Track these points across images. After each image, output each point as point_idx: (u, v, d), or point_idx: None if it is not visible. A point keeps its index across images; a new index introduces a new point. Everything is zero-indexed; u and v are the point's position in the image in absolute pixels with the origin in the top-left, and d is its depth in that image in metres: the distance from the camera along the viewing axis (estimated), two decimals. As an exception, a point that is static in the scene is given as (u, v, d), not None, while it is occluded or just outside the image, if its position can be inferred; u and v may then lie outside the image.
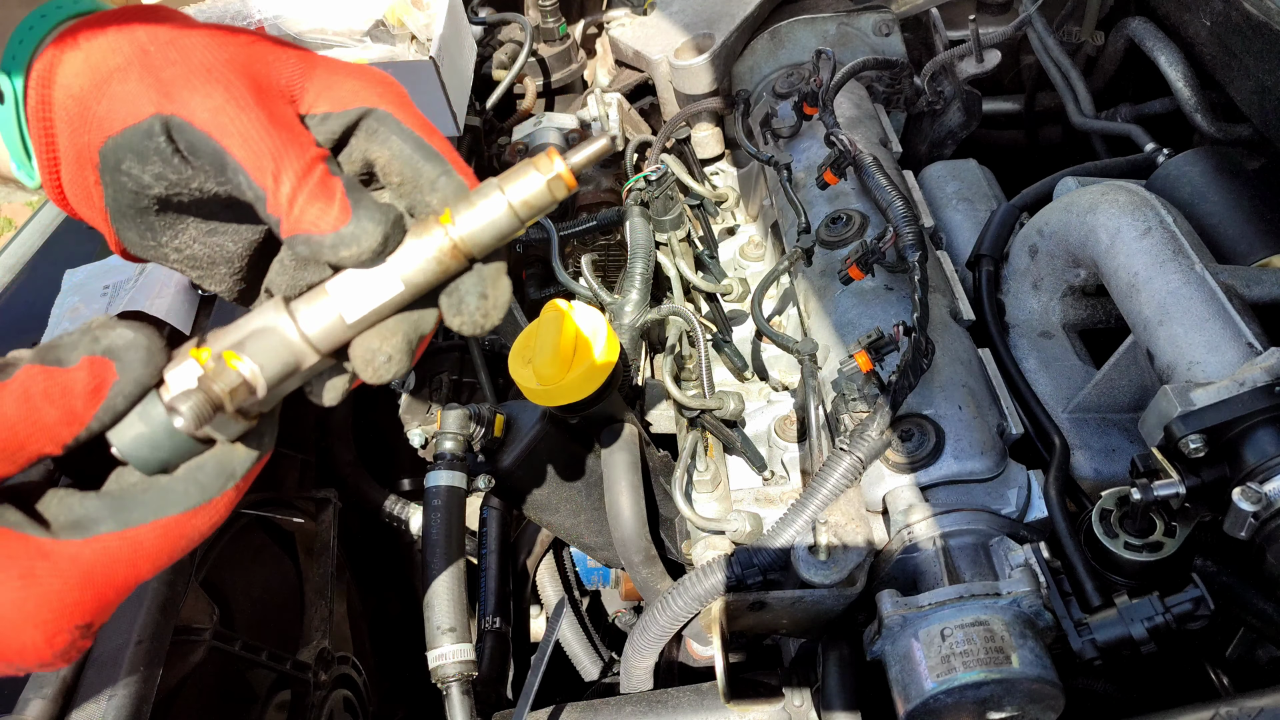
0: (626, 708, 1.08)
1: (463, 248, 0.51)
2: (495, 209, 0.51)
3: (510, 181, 0.51)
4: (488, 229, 0.51)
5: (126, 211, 0.55)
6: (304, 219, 0.50)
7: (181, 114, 0.51)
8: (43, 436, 0.48)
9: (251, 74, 0.53)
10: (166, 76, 0.51)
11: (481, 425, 1.19)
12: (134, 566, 0.49)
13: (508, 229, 0.51)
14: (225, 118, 0.50)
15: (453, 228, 0.51)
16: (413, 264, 0.51)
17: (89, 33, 0.54)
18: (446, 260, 0.51)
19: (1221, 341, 0.95)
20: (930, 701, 0.85)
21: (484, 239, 0.51)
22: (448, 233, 0.51)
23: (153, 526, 0.49)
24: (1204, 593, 0.89)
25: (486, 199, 0.51)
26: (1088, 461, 1.08)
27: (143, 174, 0.53)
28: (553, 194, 0.51)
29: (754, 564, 0.99)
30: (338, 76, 0.56)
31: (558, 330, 1.11)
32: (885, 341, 1.03)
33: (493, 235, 0.51)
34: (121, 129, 0.51)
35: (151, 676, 0.89)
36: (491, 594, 1.25)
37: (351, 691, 1.25)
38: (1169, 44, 1.46)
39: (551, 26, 1.89)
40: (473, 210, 0.51)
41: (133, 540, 0.48)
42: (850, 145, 1.23)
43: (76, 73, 0.53)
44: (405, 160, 0.54)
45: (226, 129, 0.50)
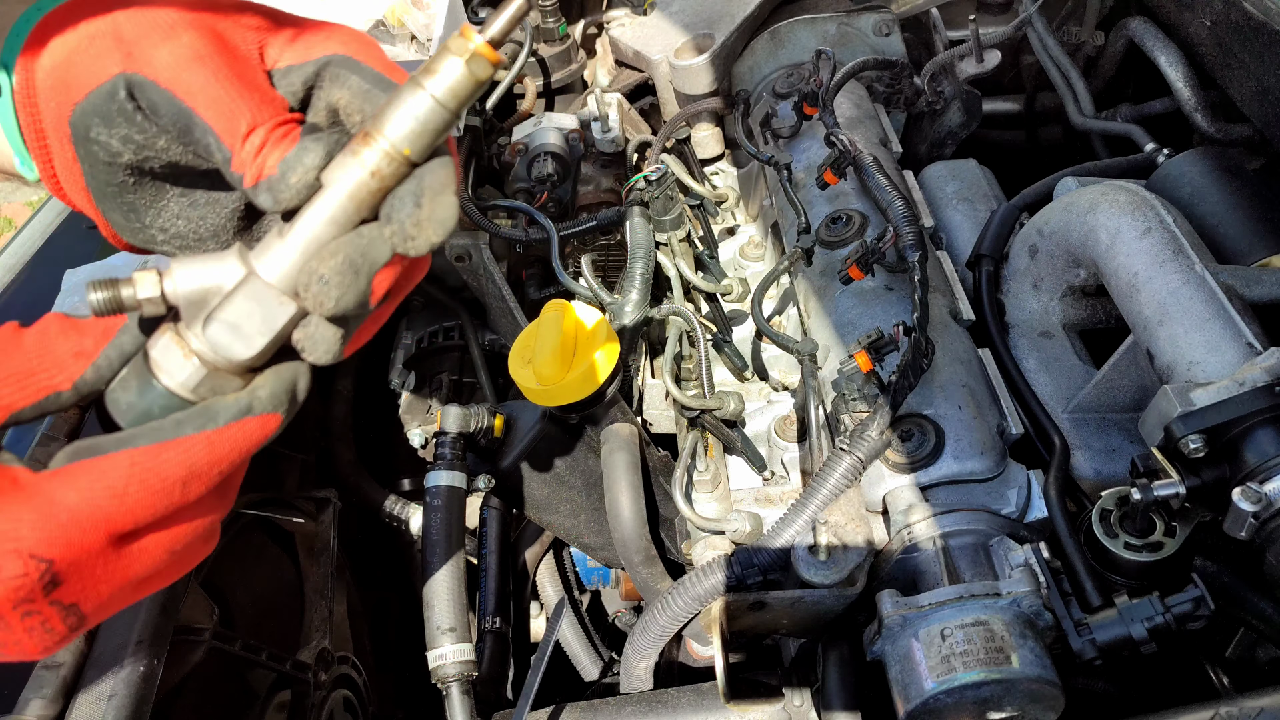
0: (626, 708, 1.08)
1: (393, 151, 0.48)
2: (418, 103, 0.47)
3: (429, 72, 0.48)
4: (415, 125, 0.48)
5: (105, 189, 0.55)
6: (265, 166, 0.50)
7: (144, 71, 0.51)
8: (53, 366, 0.50)
9: (214, 30, 0.53)
10: (129, 37, 0.52)
11: (481, 425, 1.19)
12: (97, 498, 0.47)
13: (437, 121, 0.48)
14: (187, 73, 0.50)
15: (374, 129, 0.48)
16: (343, 173, 0.48)
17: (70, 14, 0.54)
18: (380, 166, 0.48)
19: (1221, 341, 0.95)
20: (930, 701, 0.85)
21: (415, 138, 0.48)
22: (371, 136, 0.48)
23: (119, 456, 0.48)
24: (1204, 593, 0.89)
25: (406, 94, 0.48)
26: (1088, 461, 1.08)
27: (110, 139, 0.52)
28: (474, 74, 0.48)
29: (754, 564, 0.99)
30: (303, 31, 0.56)
31: (558, 330, 1.11)
32: (885, 341, 1.03)
33: (422, 130, 0.48)
34: (86, 94, 0.52)
35: (151, 676, 0.89)
36: (491, 594, 1.25)
37: (351, 691, 1.25)
38: (1169, 44, 1.46)
39: (551, 26, 1.89)
40: (394, 108, 0.48)
41: (96, 469, 0.47)
42: (850, 145, 1.23)
43: (52, 50, 0.53)
44: (362, 95, 0.53)
45: (189, 85, 0.50)
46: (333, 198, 0.49)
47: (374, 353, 1.62)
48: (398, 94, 0.48)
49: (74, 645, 0.89)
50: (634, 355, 1.32)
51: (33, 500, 0.46)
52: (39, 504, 0.46)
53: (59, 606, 0.46)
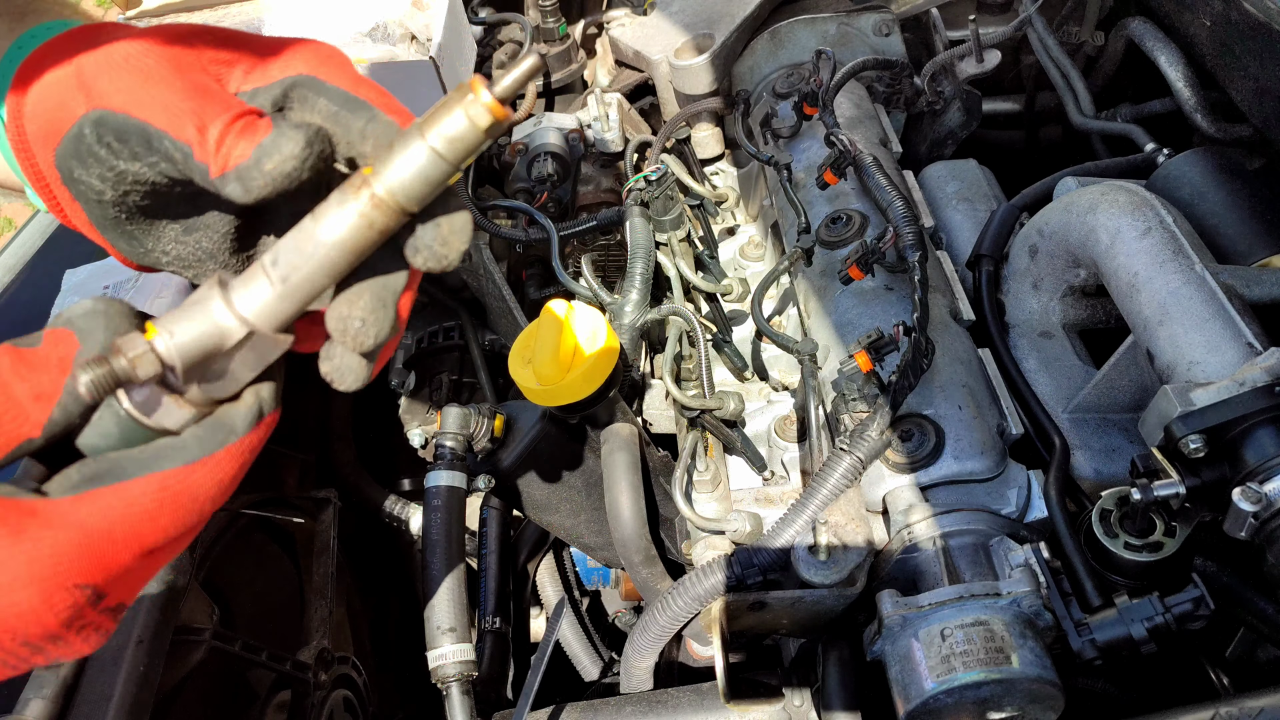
0: (626, 708, 1.08)
1: (390, 201, 0.47)
2: (416, 155, 0.46)
3: (431, 122, 0.46)
4: (413, 177, 0.46)
5: (103, 223, 0.55)
6: (232, 155, 0.49)
7: (101, 104, 0.51)
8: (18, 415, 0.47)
9: (171, 57, 0.53)
10: (89, 76, 0.52)
11: (481, 425, 1.19)
12: (132, 523, 0.47)
13: (436, 174, 0.47)
14: (141, 93, 0.50)
15: (374, 180, 0.47)
16: (339, 224, 0.47)
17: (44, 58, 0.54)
18: (373, 215, 0.47)
19: (1221, 341, 0.95)
20: (930, 701, 0.85)
21: (412, 188, 0.47)
22: (369, 186, 0.47)
23: (148, 480, 0.47)
24: (1204, 593, 0.89)
25: (406, 145, 0.47)
26: (1088, 461, 1.08)
27: (90, 178, 0.53)
28: (477, 127, 0.46)
29: (754, 564, 0.99)
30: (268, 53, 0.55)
31: (558, 330, 1.11)
32: (885, 341, 1.03)
33: (421, 182, 0.47)
34: (60, 139, 0.52)
35: (151, 676, 0.89)
36: (491, 594, 1.25)
37: (351, 691, 1.25)
38: (1169, 44, 1.46)
39: (551, 26, 1.89)
40: (392, 158, 0.47)
41: (126, 495, 0.47)
42: (850, 145, 1.23)
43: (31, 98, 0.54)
44: (332, 117, 0.52)
45: (143, 102, 0.50)
46: (329, 249, 0.48)
47: (374, 353, 1.61)
48: (400, 144, 0.47)
49: (74, 645, 0.89)
50: (634, 355, 1.32)
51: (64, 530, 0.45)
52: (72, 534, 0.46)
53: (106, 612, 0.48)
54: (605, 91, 1.78)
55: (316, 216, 0.48)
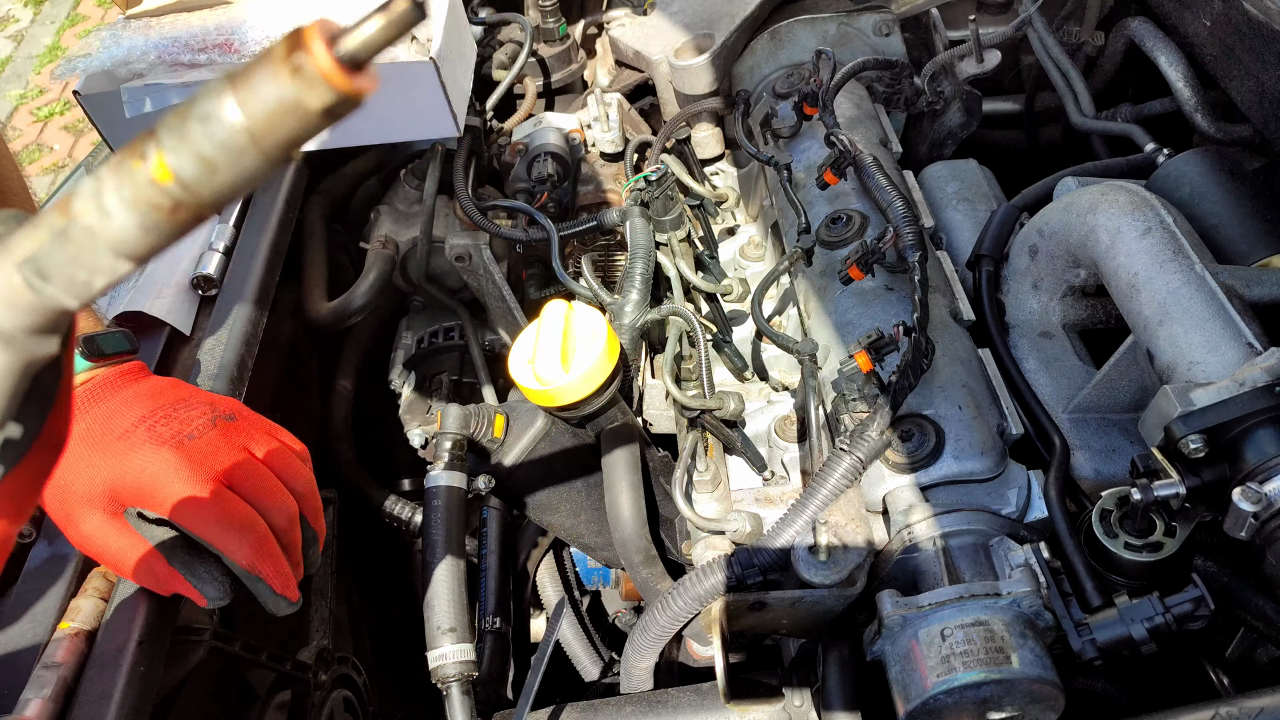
0: (626, 708, 1.08)
1: (192, 201, 0.34)
2: (224, 136, 0.32)
3: (240, 90, 0.32)
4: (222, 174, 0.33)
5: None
6: None
7: None
8: None
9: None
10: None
11: (481, 425, 1.19)
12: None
13: (252, 168, 0.33)
14: None
15: (167, 177, 0.33)
16: (127, 234, 0.35)
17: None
18: (166, 218, 0.34)
19: (1221, 341, 0.95)
20: (930, 701, 0.85)
21: (221, 187, 0.34)
22: (161, 187, 0.33)
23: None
24: (1204, 593, 0.89)
25: (208, 122, 0.33)
26: (1088, 461, 1.08)
27: None
28: (305, 107, 0.32)
29: (754, 564, 0.99)
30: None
31: (558, 330, 1.11)
32: (885, 341, 1.03)
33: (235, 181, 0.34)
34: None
35: (151, 676, 0.89)
36: (491, 594, 1.25)
37: (351, 691, 1.25)
38: (1169, 44, 1.46)
39: (551, 26, 1.89)
40: (189, 145, 0.33)
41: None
42: (850, 145, 1.23)
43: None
44: None
45: None
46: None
47: (374, 353, 1.62)
48: (203, 99, 0.33)
49: (73, 646, 0.89)
50: (634, 355, 1.32)
51: None
52: None
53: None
54: (605, 91, 1.78)
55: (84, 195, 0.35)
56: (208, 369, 1.14)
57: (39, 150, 4.60)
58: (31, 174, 4.35)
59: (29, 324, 0.37)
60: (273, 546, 0.86)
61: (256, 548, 0.84)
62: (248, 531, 0.84)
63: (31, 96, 4.97)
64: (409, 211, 1.61)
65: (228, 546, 0.83)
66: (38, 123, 4.79)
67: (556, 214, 1.57)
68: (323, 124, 0.33)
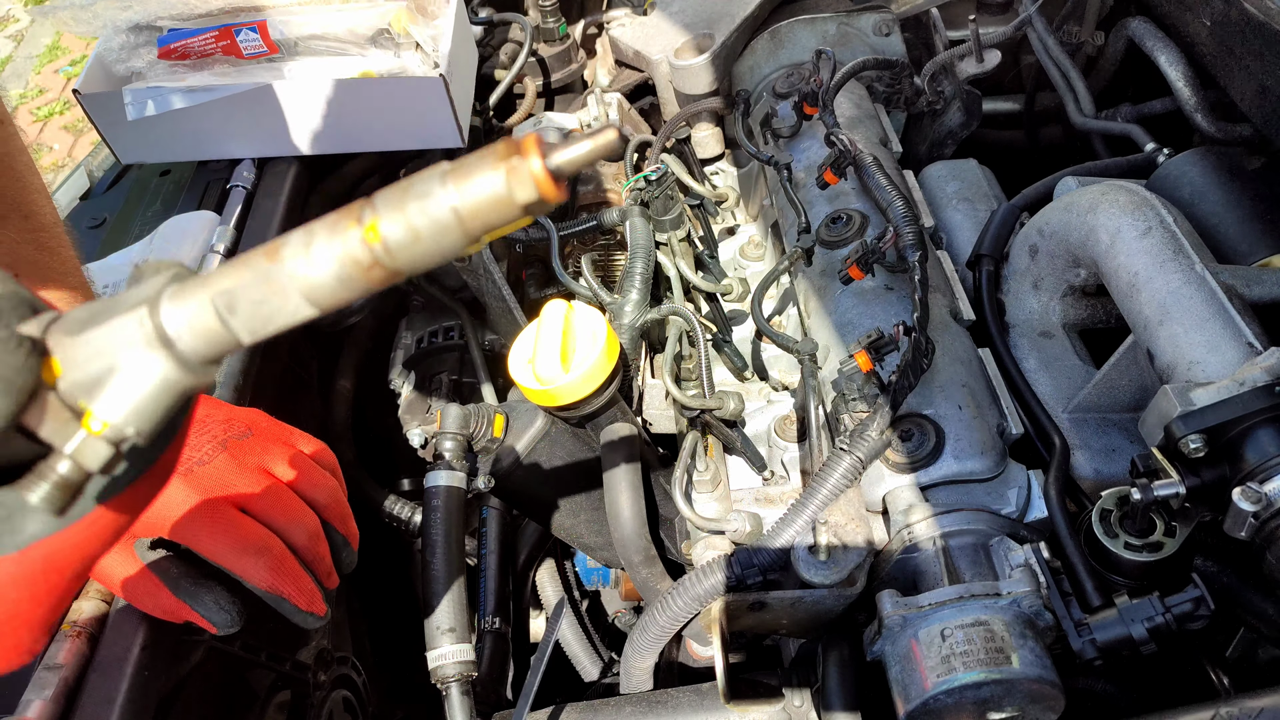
0: (626, 708, 1.08)
1: (388, 263, 0.38)
2: (431, 207, 0.37)
3: (460, 174, 0.37)
4: (423, 244, 0.37)
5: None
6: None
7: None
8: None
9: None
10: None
11: (481, 425, 1.19)
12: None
13: (447, 242, 0.37)
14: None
15: (375, 238, 0.38)
16: (322, 282, 0.38)
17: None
18: (360, 274, 0.38)
19: (1221, 341, 0.95)
20: (930, 702, 0.85)
21: (416, 256, 0.38)
22: (368, 245, 0.38)
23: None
24: (1204, 593, 0.89)
25: (423, 192, 0.37)
26: (1088, 461, 1.08)
27: None
28: (514, 200, 0.37)
29: (754, 564, 0.99)
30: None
31: (558, 330, 1.11)
32: (885, 341, 1.03)
33: (428, 243, 0.38)
34: None
35: (153, 677, 0.89)
36: (491, 594, 1.24)
37: (351, 691, 1.25)
38: (1169, 44, 1.46)
39: (551, 26, 1.89)
40: (402, 203, 0.37)
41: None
42: (850, 145, 1.23)
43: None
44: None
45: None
46: (297, 300, 0.39)
47: (374, 353, 1.62)
48: (417, 188, 0.38)
49: (75, 647, 0.89)
50: (634, 355, 1.32)
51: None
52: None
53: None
54: (605, 91, 1.78)
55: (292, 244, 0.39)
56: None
57: (39, 150, 4.60)
58: (31, 174, 4.35)
59: (206, 352, 0.40)
60: (292, 565, 0.85)
61: (274, 569, 0.83)
62: (263, 554, 0.83)
63: (31, 96, 4.97)
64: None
65: (245, 571, 0.83)
66: (38, 122, 4.79)
67: (556, 214, 1.57)
68: (518, 217, 0.38)
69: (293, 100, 1.42)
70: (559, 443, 1.22)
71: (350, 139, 1.47)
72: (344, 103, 1.41)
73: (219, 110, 1.42)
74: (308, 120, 1.44)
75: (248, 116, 1.43)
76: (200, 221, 1.39)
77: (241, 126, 1.45)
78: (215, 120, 1.44)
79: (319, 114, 1.43)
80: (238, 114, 1.43)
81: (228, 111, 1.42)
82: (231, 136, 1.47)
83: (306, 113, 1.43)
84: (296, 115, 1.44)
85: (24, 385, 0.38)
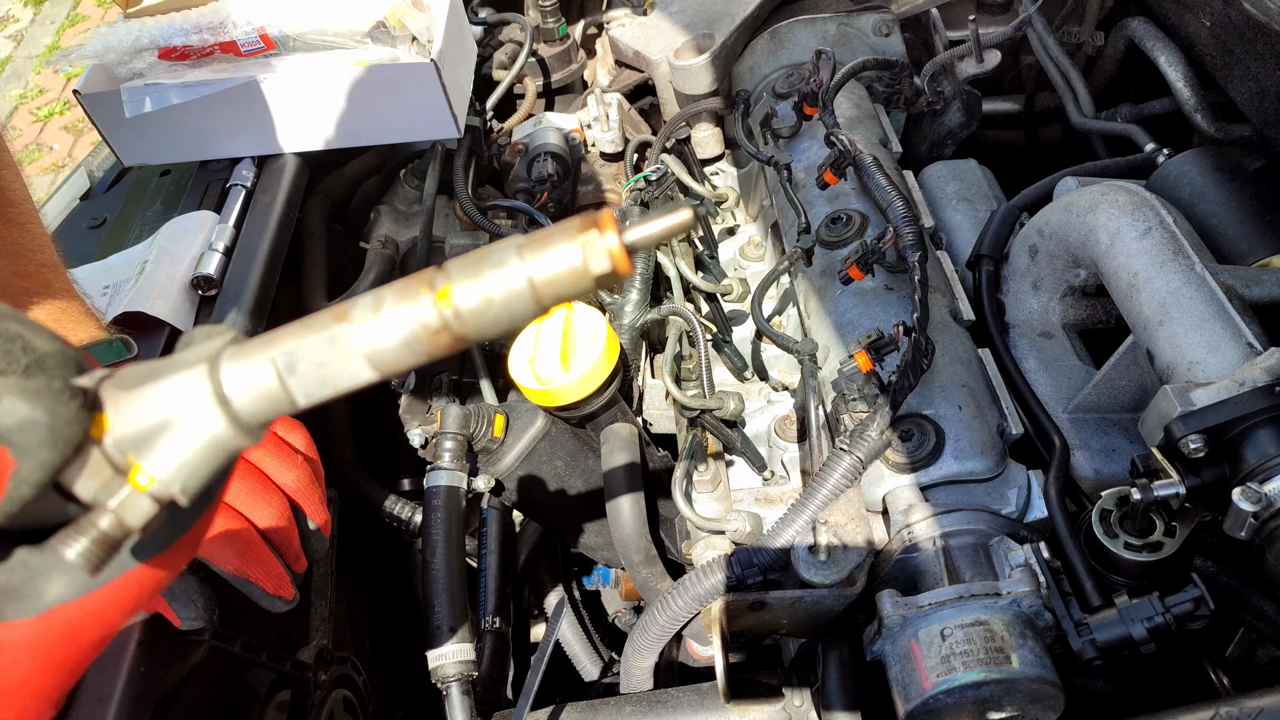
0: (626, 708, 1.08)
1: (457, 329, 0.39)
2: (507, 278, 0.38)
3: (536, 247, 0.38)
4: (495, 305, 0.38)
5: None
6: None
7: None
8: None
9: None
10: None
11: (481, 425, 1.19)
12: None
13: (521, 309, 0.38)
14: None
15: (447, 303, 0.38)
16: (387, 344, 0.39)
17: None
18: (428, 338, 0.39)
19: (1221, 341, 0.95)
20: (930, 701, 0.85)
21: (487, 318, 0.38)
22: (438, 309, 0.38)
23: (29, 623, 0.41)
24: (1204, 593, 0.89)
25: (498, 262, 0.38)
26: (1088, 461, 1.08)
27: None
28: (589, 272, 0.38)
29: (754, 564, 0.99)
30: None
31: (558, 330, 1.11)
32: (885, 341, 1.03)
33: (499, 314, 0.38)
34: None
35: (151, 677, 0.89)
36: (491, 594, 1.25)
37: (351, 691, 1.25)
38: (1169, 44, 1.46)
39: (551, 26, 1.89)
40: (478, 270, 0.38)
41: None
42: (850, 145, 1.23)
43: None
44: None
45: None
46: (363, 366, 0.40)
47: (374, 353, 1.61)
48: (493, 259, 0.39)
49: (74, 645, 0.89)
50: (634, 355, 1.32)
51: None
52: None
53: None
54: (605, 91, 1.78)
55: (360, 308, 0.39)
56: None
57: (39, 150, 4.60)
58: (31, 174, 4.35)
59: (261, 413, 0.40)
60: (260, 549, 0.84)
61: (242, 553, 0.83)
62: (230, 538, 0.82)
63: (31, 96, 4.97)
64: (409, 211, 1.61)
65: (211, 555, 0.82)
66: (38, 123, 4.79)
67: (556, 214, 1.57)
68: (591, 289, 0.39)
69: (289, 94, 1.42)
70: (559, 443, 1.22)
71: (347, 133, 1.47)
72: (339, 94, 1.41)
73: (217, 107, 1.42)
74: (305, 115, 1.44)
75: (246, 113, 1.43)
76: (200, 222, 1.39)
77: (240, 123, 1.45)
78: (214, 118, 1.44)
79: (315, 107, 1.43)
80: (236, 110, 1.43)
81: (226, 108, 1.42)
82: (231, 134, 1.47)
83: (303, 107, 1.43)
84: (294, 110, 1.44)
85: (71, 438, 0.38)
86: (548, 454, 1.22)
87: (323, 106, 1.43)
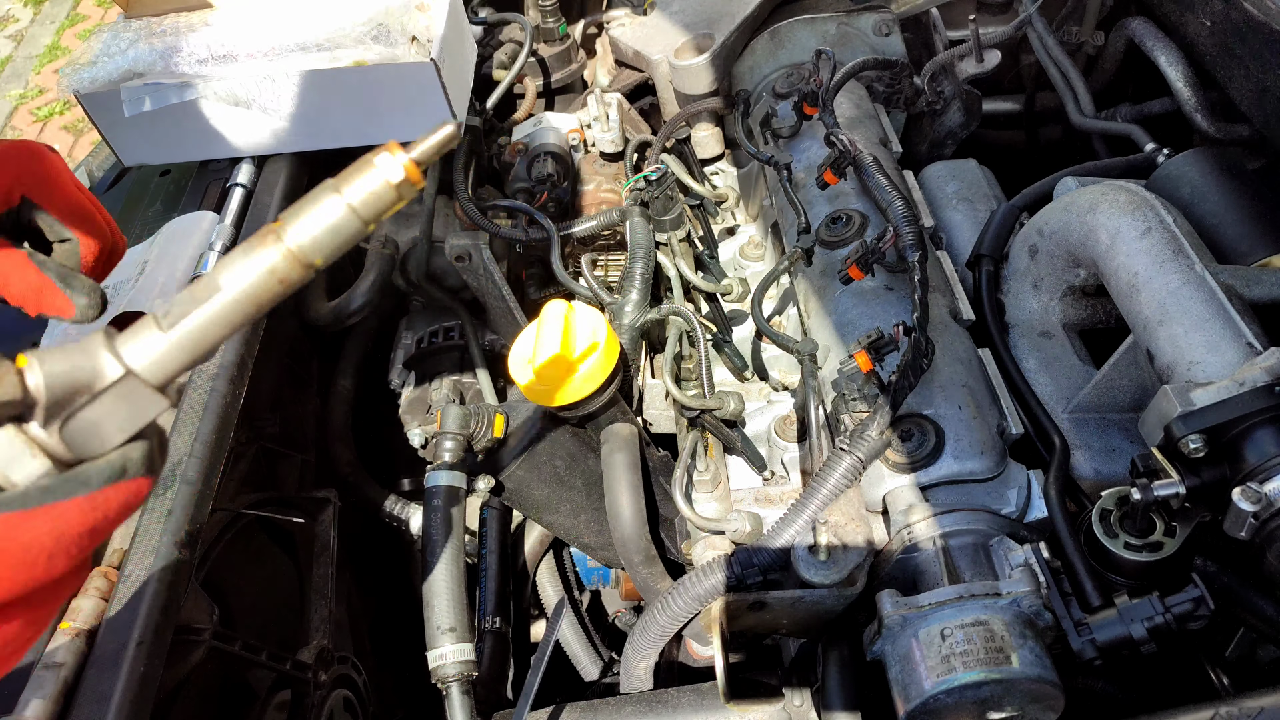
0: (626, 708, 1.08)
1: (300, 256, 0.48)
2: (332, 211, 0.48)
3: (348, 180, 0.49)
4: (326, 234, 0.49)
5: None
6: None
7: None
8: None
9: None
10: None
11: (481, 425, 1.19)
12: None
13: (350, 232, 0.49)
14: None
15: (284, 232, 0.48)
16: (243, 275, 0.48)
17: None
18: (283, 270, 0.48)
19: (1221, 341, 0.95)
20: (930, 701, 0.85)
21: (324, 244, 0.49)
22: (279, 239, 0.48)
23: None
24: (1204, 593, 0.89)
25: (321, 201, 0.49)
26: (1088, 461, 1.08)
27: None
28: (390, 184, 0.49)
29: (754, 564, 0.99)
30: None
31: (558, 330, 1.11)
32: (885, 341, 1.03)
33: (333, 239, 0.49)
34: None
35: (151, 677, 0.89)
36: (491, 594, 1.25)
37: (351, 691, 1.25)
38: (1169, 44, 1.46)
39: (551, 26, 1.89)
40: (306, 215, 0.49)
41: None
42: (850, 145, 1.23)
43: None
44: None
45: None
46: (232, 301, 0.48)
47: (374, 353, 1.62)
48: (314, 198, 0.49)
49: (74, 646, 0.89)
50: (634, 355, 1.32)
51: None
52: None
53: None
54: (605, 91, 1.78)
55: (219, 267, 0.49)
56: (208, 368, 1.14)
57: (39, 150, 4.59)
58: (31, 174, 4.33)
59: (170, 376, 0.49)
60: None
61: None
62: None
63: (31, 96, 4.97)
64: (409, 211, 1.61)
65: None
66: (38, 123, 4.79)
67: (556, 214, 1.57)
68: (397, 199, 0.50)
69: (289, 94, 1.42)
70: (559, 443, 1.22)
71: (347, 133, 1.47)
72: (339, 94, 1.41)
73: (217, 107, 1.42)
74: (305, 115, 1.44)
75: (246, 113, 1.43)
76: (200, 222, 1.39)
77: (240, 123, 1.45)
78: (214, 118, 1.44)
79: (315, 107, 1.43)
80: (236, 111, 1.43)
81: (226, 108, 1.42)
82: (231, 135, 1.47)
83: (303, 107, 1.43)
84: (294, 110, 1.44)
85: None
86: (548, 454, 1.22)
87: (323, 106, 1.43)
